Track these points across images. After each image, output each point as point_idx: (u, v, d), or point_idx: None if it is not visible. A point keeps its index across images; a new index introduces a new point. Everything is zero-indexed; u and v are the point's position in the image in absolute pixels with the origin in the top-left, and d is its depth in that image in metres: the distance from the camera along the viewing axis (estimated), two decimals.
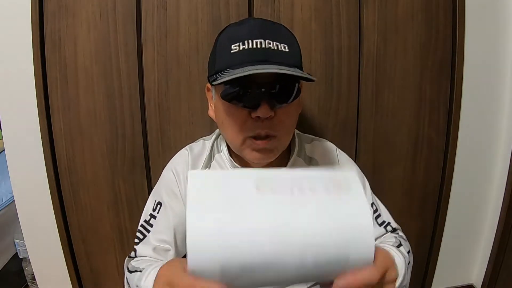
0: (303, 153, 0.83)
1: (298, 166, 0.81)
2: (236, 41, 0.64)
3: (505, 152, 1.41)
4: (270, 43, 0.64)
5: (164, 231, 0.79)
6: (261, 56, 0.63)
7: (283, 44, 0.66)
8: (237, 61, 0.63)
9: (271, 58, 0.63)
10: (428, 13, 1.23)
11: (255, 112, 0.65)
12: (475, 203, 1.48)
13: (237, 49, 0.64)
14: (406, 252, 0.76)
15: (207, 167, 0.81)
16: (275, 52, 0.64)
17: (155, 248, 0.78)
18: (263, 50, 0.63)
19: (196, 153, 0.83)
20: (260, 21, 0.68)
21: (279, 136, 0.70)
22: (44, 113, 1.13)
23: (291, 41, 0.68)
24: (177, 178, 0.80)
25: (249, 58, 0.63)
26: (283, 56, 0.65)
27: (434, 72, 1.28)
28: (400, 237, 0.83)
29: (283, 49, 0.65)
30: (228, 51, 0.65)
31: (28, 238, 1.26)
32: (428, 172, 1.38)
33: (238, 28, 0.68)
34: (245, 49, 0.63)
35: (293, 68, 0.64)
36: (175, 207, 0.79)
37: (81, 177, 1.20)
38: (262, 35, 0.64)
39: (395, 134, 1.31)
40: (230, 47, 0.64)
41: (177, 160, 0.84)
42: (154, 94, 1.16)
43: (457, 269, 1.56)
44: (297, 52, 0.69)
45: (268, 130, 0.67)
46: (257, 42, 0.63)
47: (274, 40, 0.65)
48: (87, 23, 1.09)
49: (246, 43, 0.63)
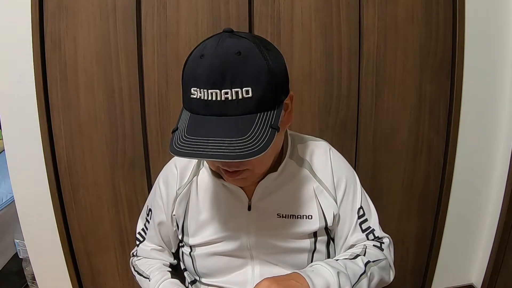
0: (295, 155, 0.83)
1: (289, 169, 0.80)
2: (195, 84, 0.60)
3: (505, 152, 1.41)
4: (227, 93, 0.59)
5: (155, 236, 0.87)
6: (218, 110, 0.59)
7: (245, 88, 0.59)
8: (195, 109, 0.61)
9: (229, 112, 0.59)
10: (428, 13, 1.23)
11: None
12: (475, 203, 1.48)
13: (195, 95, 0.60)
14: (362, 263, 0.74)
15: (195, 175, 0.82)
16: (234, 102, 0.59)
17: (152, 249, 0.88)
18: (219, 103, 0.59)
19: (184, 165, 0.84)
20: (221, 55, 0.60)
21: (252, 169, 0.68)
22: (44, 113, 1.13)
23: (258, 75, 0.61)
24: (161, 192, 0.84)
25: (206, 111, 0.60)
26: (243, 105, 0.60)
27: (434, 72, 1.28)
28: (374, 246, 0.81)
29: (245, 96, 0.59)
30: (189, 94, 0.62)
31: (28, 238, 1.26)
32: (428, 172, 1.38)
33: (199, 63, 0.62)
34: (201, 99, 0.60)
35: (237, 142, 0.58)
36: (160, 216, 0.85)
37: (81, 177, 1.20)
38: (218, 83, 0.59)
39: (395, 134, 1.31)
40: (190, 90, 0.61)
41: (165, 174, 0.86)
42: (154, 94, 1.16)
43: (457, 269, 1.56)
44: (265, 88, 0.61)
45: (235, 168, 0.66)
46: (212, 93, 0.59)
47: (233, 86, 0.59)
48: (87, 23, 1.09)
49: (202, 92, 0.59)
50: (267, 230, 0.78)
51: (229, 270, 0.80)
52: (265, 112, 0.61)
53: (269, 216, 0.78)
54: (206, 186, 0.81)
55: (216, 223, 0.79)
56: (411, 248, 1.45)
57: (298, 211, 0.79)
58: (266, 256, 0.79)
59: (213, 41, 0.64)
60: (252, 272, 0.79)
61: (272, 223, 0.78)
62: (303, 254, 0.79)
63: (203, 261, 0.80)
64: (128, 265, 0.91)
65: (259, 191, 0.78)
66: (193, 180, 0.82)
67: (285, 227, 0.78)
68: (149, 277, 0.83)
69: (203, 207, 0.80)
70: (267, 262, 0.79)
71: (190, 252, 0.82)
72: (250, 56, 0.61)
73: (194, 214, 0.81)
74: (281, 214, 0.78)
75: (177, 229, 0.83)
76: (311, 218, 0.79)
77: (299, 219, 0.79)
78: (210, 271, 0.81)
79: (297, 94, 1.08)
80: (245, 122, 0.60)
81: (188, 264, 0.84)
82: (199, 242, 0.79)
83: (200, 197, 0.81)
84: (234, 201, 0.79)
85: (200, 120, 0.61)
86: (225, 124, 0.59)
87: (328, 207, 0.80)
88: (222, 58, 0.60)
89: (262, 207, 0.78)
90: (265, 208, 0.78)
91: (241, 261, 0.79)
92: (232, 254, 0.78)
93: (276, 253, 0.78)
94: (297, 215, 0.79)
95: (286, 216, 0.78)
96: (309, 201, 0.80)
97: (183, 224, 0.82)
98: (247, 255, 0.79)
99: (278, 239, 0.78)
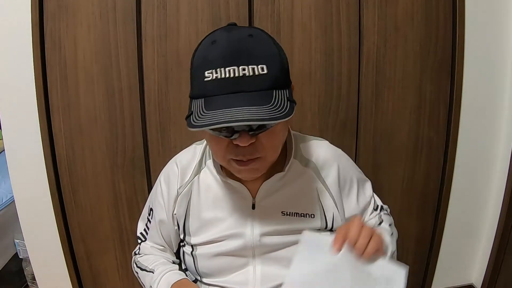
0: (299, 154, 0.83)
1: (293, 168, 0.80)
2: (209, 67, 0.61)
3: (505, 152, 1.41)
4: (245, 69, 0.59)
5: (156, 235, 0.87)
6: (235, 87, 0.59)
7: (261, 65, 0.61)
8: (210, 91, 0.60)
9: (246, 87, 0.60)
10: (428, 13, 1.23)
11: (235, 140, 0.64)
12: (475, 203, 1.48)
13: (210, 77, 0.60)
14: (387, 225, 0.86)
15: (196, 175, 0.82)
16: (251, 78, 0.60)
17: (154, 249, 0.89)
18: (237, 79, 0.59)
19: (185, 164, 0.84)
20: (234, 38, 0.63)
21: (264, 157, 0.68)
22: (44, 113, 1.13)
23: (270, 56, 0.63)
24: (162, 190, 0.85)
25: (223, 90, 0.60)
26: (260, 81, 0.61)
27: (434, 72, 1.28)
28: (385, 214, 0.91)
29: (261, 72, 0.60)
30: (201, 78, 0.61)
31: (28, 238, 1.26)
32: (428, 172, 1.38)
33: (211, 48, 0.63)
34: (217, 79, 0.60)
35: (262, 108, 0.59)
36: (161, 215, 0.85)
37: (81, 177, 1.20)
38: (235, 60, 0.60)
39: (395, 134, 1.31)
40: (203, 73, 0.61)
41: (167, 172, 0.87)
42: (154, 94, 1.16)
43: (457, 269, 1.56)
44: (277, 68, 0.63)
45: (249, 156, 0.66)
46: (230, 70, 0.59)
47: (250, 63, 0.60)
48: (87, 23, 1.09)
49: (219, 71, 0.59)
50: (270, 227, 0.78)
51: (231, 270, 0.80)
52: (279, 90, 0.63)
53: (273, 213, 0.79)
54: (208, 185, 0.81)
55: (219, 222, 0.79)
56: (411, 248, 1.45)
57: (301, 210, 0.79)
58: (268, 255, 0.79)
59: (222, 31, 0.66)
60: (254, 272, 0.79)
61: (276, 220, 0.78)
62: None
63: (205, 260, 0.80)
64: (129, 264, 0.91)
65: (263, 190, 0.78)
66: (195, 179, 0.82)
67: (289, 224, 0.79)
68: (153, 270, 0.83)
69: (205, 206, 0.80)
70: (269, 261, 0.79)
71: (192, 251, 0.82)
72: (261, 39, 0.64)
73: (196, 213, 0.81)
74: (285, 212, 0.79)
75: (178, 228, 0.83)
76: (313, 217, 0.80)
77: (302, 217, 0.79)
78: (211, 270, 0.81)
79: (297, 94, 1.08)
80: (263, 96, 0.61)
81: (190, 263, 0.84)
82: (201, 241, 0.80)
83: (202, 196, 0.81)
84: (238, 200, 0.79)
85: (217, 99, 0.60)
86: (244, 98, 0.60)
87: (328, 208, 0.81)
88: (237, 39, 0.63)
89: (267, 205, 0.79)
90: (269, 206, 0.79)
91: (243, 261, 0.79)
92: (234, 253, 0.79)
93: (278, 249, 0.79)
94: (300, 213, 0.79)
95: (290, 213, 0.79)
96: (312, 201, 0.80)
97: (184, 223, 0.82)
98: (249, 254, 0.79)
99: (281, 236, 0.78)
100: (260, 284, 0.78)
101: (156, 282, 0.80)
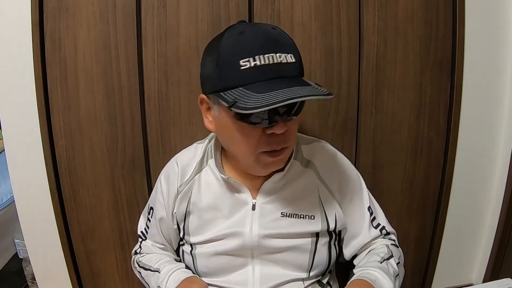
0: (300, 155, 0.83)
1: (294, 169, 0.81)
2: (245, 55, 0.61)
3: (505, 152, 1.41)
4: (281, 56, 0.61)
5: (157, 234, 0.88)
6: (275, 73, 0.61)
7: (290, 54, 0.63)
8: (251, 78, 0.61)
9: (285, 73, 0.62)
10: (428, 13, 1.23)
11: (270, 129, 0.64)
12: (475, 203, 1.48)
13: (248, 65, 0.60)
14: (395, 264, 0.77)
15: (197, 173, 0.82)
16: (287, 65, 0.62)
17: (154, 246, 0.90)
18: (276, 66, 0.61)
19: (186, 162, 0.84)
20: (262, 29, 0.65)
21: (290, 146, 0.71)
22: (44, 113, 1.13)
23: (294, 47, 0.66)
24: (162, 188, 0.85)
25: (263, 76, 0.60)
26: (293, 68, 0.63)
27: (434, 72, 1.28)
28: (392, 245, 0.84)
29: (291, 60, 0.63)
30: (237, 67, 0.61)
31: (28, 238, 1.26)
32: (428, 172, 1.38)
33: (242, 38, 0.63)
34: (257, 66, 0.60)
35: (310, 87, 0.63)
36: (160, 213, 0.86)
37: (81, 177, 1.20)
38: (271, 48, 0.61)
39: (395, 134, 1.31)
40: (238, 62, 0.61)
41: (167, 171, 0.88)
42: (154, 94, 1.16)
43: (457, 269, 1.56)
44: (300, 59, 0.67)
45: (283, 144, 0.68)
46: (268, 57, 0.60)
47: (282, 51, 0.62)
48: (87, 23, 1.09)
49: (258, 59, 0.60)
50: (270, 228, 0.78)
51: (230, 270, 0.80)
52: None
53: (273, 214, 0.79)
54: (209, 184, 0.81)
55: (219, 222, 0.79)
56: (411, 248, 1.45)
57: (301, 211, 0.79)
58: (267, 256, 0.79)
59: (242, 25, 0.68)
60: (253, 272, 0.79)
61: (276, 221, 0.79)
62: (304, 254, 0.80)
63: (204, 259, 0.81)
64: (130, 264, 0.91)
65: (264, 191, 0.78)
66: (196, 178, 0.82)
67: (288, 225, 0.79)
68: (159, 269, 0.82)
69: (205, 205, 0.80)
70: (268, 262, 0.79)
71: (191, 250, 0.82)
72: (282, 32, 0.67)
73: (196, 212, 0.81)
74: (285, 213, 0.79)
75: (178, 227, 0.84)
76: (313, 218, 0.80)
77: (301, 219, 0.79)
78: (210, 270, 0.81)
79: None
80: (300, 81, 0.63)
81: (189, 263, 0.84)
82: (200, 240, 0.80)
83: (202, 195, 0.81)
84: (239, 200, 0.79)
85: (260, 85, 0.60)
86: (288, 82, 0.61)
87: (331, 210, 0.81)
88: (264, 30, 0.65)
89: (267, 206, 0.79)
90: (269, 207, 0.79)
91: (241, 261, 0.79)
92: (233, 253, 0.79)
93: (277, 252, 0.79)
94: (300, 215, 0.79)
95: (290, 215, 0.79)
96: (313, 203, 0.80)
97: (184, 222, 0.82)
98: (248, 254, 0.79)
99: (280, 238, 0.78)
100: (260, 284, 0.78)
101: (164, 281, 0.79)
